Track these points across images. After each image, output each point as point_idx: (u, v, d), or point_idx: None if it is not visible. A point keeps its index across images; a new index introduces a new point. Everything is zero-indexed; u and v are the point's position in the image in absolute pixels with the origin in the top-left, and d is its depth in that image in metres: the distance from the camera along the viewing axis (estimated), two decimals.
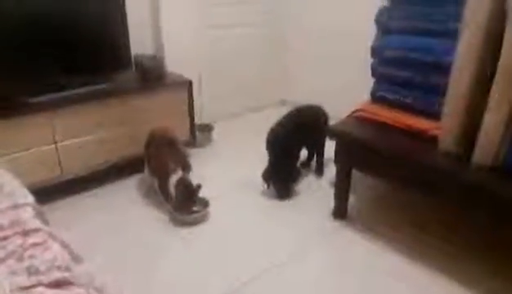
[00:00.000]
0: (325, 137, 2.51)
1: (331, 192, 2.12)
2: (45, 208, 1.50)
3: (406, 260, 1.80)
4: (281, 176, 2.28)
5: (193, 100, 2.70)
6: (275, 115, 2.48)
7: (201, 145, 2.97)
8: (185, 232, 2.03)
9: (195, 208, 2.13)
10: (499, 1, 1.46)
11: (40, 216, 1.31)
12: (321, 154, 2.56)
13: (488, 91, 1.51)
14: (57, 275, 1.01)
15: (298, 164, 2.48)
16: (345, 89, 3.15)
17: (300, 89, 3.70)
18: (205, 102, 3.24)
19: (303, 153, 2.54)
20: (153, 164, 2.26)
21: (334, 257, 1.89)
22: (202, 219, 2.11)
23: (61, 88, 2.25)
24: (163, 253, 1.90)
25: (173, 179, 2.09)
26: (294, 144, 2.38)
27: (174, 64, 2.84)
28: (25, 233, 1.16)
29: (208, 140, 3.05)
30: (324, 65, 3.45)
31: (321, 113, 2.55)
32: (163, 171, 2.15)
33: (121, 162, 2.46)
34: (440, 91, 1.71)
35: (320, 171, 2.55)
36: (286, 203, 2.27)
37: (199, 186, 2.11)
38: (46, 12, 2.18)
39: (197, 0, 3.01)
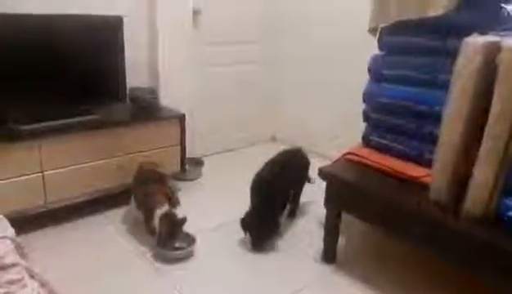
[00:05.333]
0: (304, 183, 2.49)
1: (320, 234, 2.09)
2: (26, 238, 1.46)
3: None
4: (261, 228, 2.15)
5: (185, 134, 2.69)
6: (265, 152, 2.48)
7: (190, 179, 2.95)
8: (168, 269, 1.97)
9: (178, 244, 2.09)
10: (489, 55, 1.50)
11: (19, 249, 1.26)
12: (297, 198, 2.51)
13: (479, 141, 1.52)
14: None
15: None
16: (337, 130, 3.20)
17: (291, 127, 3.74)
18: (197, 136, 3.24)
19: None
20: (140, 198, 2.23)
21: None
22: (187, 256, 2.06)
23: (52, 117, 2.23)
24: (142, 291, 1.83)
25: (159, 212, 2.05)
26: (280, 193, 2.27)
27: (168, 98, 2.86)
28: (2, 269, 1.11)
29: (198, 174, 3.03)
30: (316, 104, 3.50)
31: (304, 157, 2.53)
32: (149, 205, 2.11)
33: (108, 194, 2.41)
34: (431, 140, 1.73)
35: (293, 214, 2.50)
36: (275, 245, 2.22)
37: (184, 220, 2.07)
38: (41, 41, 2.19)
39: (193, 39, 3.07)
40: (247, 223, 2.16)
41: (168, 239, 2.04)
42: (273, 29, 3.62)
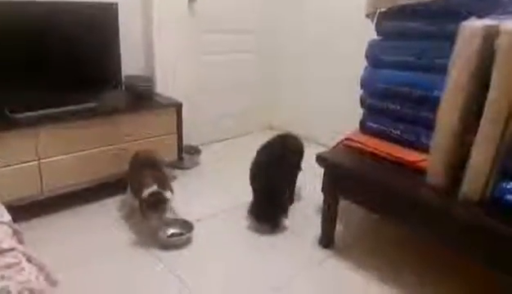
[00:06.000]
0: (300, 166, 2.48)
1: (317, 220, 2.10)
2: (23, 227, 1.46)
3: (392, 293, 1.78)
4: (271, 214, 2.19)
5: (182, 122, 2.68)
6: (262, 140, 2.47)
7: (187, 167, 2.94)
8: (166, 256, 1.97)
9: (175, 231, 2.11)
10: (487, 39, 1.50)
11: (16, 235, 1.26)
12: (293, 184, 2.50)
13: (476, 125, 1.53)
14: None
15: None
16: (332, 116, 3.20)
17: (287, 115, 3.73)
18: (193, 125, 3.23)
19: None
20: (135, 185, 2.21)
21: (320, 289, 1.84)
22: (185, 242, 2.06)
23: (48, 105, 2.21)
24: (141, 279, 1.83)
25: (146, 192, 2.01)
26: (279, 172, 2.27)
27: (164, 86, 2.84)
28: None
29: (195, 162, 3.03)
30: (312, 92, 3.50)
31: (298, 141, 2.53)
32: (142, 191, 2.10)
33: (104, 182, 2.40)
34: (428, 125, 1.73)
35: (291, 199, 2.49)
36: (272, 231, 2.22)
37: (168, 199, 2.03)
38: (36, 29, 2.17)
39: (189, 26, 3.04)
40: (257, 212, 2.19)
41: (151, 212, 1.99)
42: (270, 18, 3.59)
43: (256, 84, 3.73)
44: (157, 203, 2.01)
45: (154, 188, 2.02)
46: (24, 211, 2.09)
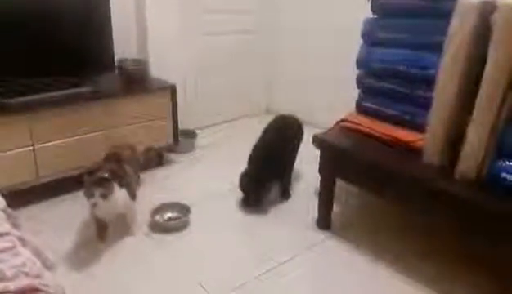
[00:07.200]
0: (298, 148, 2.47)
1: (315, 202, 2.10)
2: (19, 213, 1.45)
3: (389, 274, 1.79)
4: (258, 187, 2.22)
5: (177, 106, 2.66)
6: (259, 124, 2.46)
7: (184, 151, 2.93)
8: (164, 239, 1.98)
9: (170, 214, 2.12)
10: (483, 15, 1.48)
11: (11, 219, 1.25)
12: (292, 164, 2.48)
13: (472, 103, 1.52)
14: (25, 282, 0.95)
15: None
16: (329, 99, 3.18)
17: (286, 98, 3.70)
18: (190, 108, 3.20)
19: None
20: None
21: (317, 269, 1.86)
22: (183, 225, 2.07)
23: (41, 90, 2.19)
24: (140, 262, 1.84)
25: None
26: (281, 148, 2.31)
27: (159, 69, 2.81)
28: None
29: (191, 146, 3.01)
30: (309, 75, 3.47)
31: (299, 123, 2.53)
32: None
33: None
34: (425, 104, 1.71)
35: (288, 181, 2.48)
36: (270, 212, 2.24)
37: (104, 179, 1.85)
38: (28, 13, 2.13)
39: (184, 6, 2.99)
40: (248, 175, 2.22)
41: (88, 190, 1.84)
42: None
43: (254, 66, 3.69)
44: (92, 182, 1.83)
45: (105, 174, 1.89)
46: (20, 197, 2.08)
